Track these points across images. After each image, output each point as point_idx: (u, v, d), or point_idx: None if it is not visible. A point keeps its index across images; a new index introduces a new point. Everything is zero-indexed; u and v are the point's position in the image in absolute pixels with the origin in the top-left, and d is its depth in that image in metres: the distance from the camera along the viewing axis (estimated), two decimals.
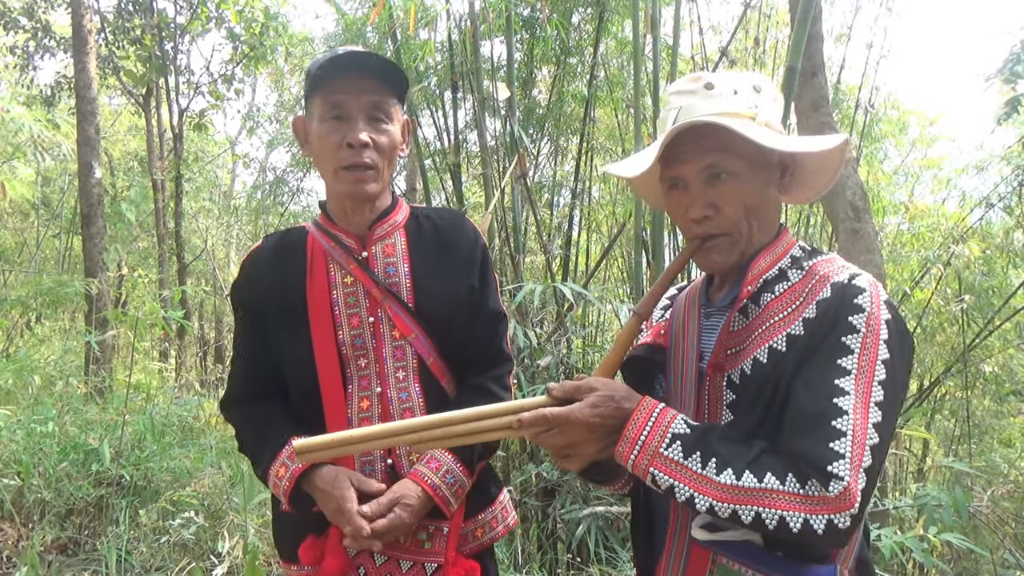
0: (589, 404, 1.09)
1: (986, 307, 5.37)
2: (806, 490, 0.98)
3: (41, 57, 8.75)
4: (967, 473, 3.86)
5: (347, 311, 1.52)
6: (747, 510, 0.99)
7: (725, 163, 1.14)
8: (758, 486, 1.00)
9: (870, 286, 1.08)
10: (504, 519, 1.64)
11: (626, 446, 1.08)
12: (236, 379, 1.63)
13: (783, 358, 1.09)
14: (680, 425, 1.08)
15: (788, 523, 0.98)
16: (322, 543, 1.48)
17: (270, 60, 9.04)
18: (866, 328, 1.05)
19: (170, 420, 4.78)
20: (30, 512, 3.84)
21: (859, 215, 3.62)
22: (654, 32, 4.40)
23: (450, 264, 1.57)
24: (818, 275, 1.12)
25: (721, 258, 1.19)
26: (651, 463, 1.06)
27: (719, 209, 1.15)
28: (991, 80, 5.22)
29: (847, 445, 0.99)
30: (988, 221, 6.34)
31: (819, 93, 3.76)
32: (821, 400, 1.03)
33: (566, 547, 3.41)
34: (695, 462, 1.04)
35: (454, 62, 4.78)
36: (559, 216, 6.23)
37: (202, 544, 3.63)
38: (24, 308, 7.83)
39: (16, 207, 10.90)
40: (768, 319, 1.13)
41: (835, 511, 0.97)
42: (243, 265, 1.63)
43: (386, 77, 1.49)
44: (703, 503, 1.02)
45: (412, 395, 1.51)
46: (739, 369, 1.13)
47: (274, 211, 11.33)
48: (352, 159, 1.46)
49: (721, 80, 1.17)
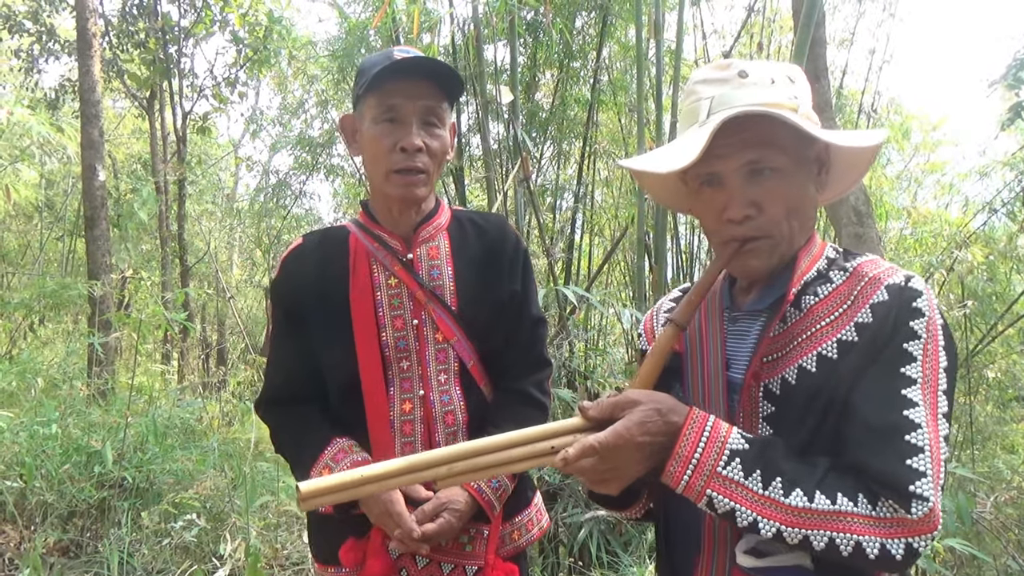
0: (636, 423, 0.96)
1: (989, 313, 5.36)
2: (878, 511, 0.91)
3: (46, 60, 8.79)
4: (970, 479, 3.85)
5: (391, 313, 1.51)
6: (820, 535, 0.91)
7: (769, 159, 1.04)
8: (831, 508, 0.91)
9: (926, 289, 1.00)
10: (539, 521, 1.65)
11: (678, 465, 0.96)
12: (274, 379, 1.62)
13: (836, 367, 1.00)
14: (737, 440, 0.97)
15: (864, 549, 0.90)
16: (363, 545, 1.47)
17: (273, 64, 9.06)
18: (927, 333, 0.97)
19: (172, 422, 4.79)
20: (32, 514, 3.84)
21: (862, 220, 3.62)
22: (657, 36, 4.41)
23: (493, 268, 1.57)
24: (867, 276, 1.03)
25: (760, 263, 1.08)
26: (708, 484, 0.95)
27: (762, 209, 1.05)
28: (994, 86, 5.22)
29: (927, 462, 0.91)
30: (991, 226, 6.33)
31: (822, 98, 3.76)
32: (890, 412, 0.94)
33: (568, 551, 3.40)
34: (756, 482, 0.94)
35: (457, 66, 4.79)
36: (561, 220, 6.23)
37: (204, 547, 3.63)
38: (27, 311, 7.85)
39: (20, 210, 10.91)
40: (812, 324, 1.04)
41: (915, 534, 0.89)
42: (283, 262, 1.61)
43: (444, 82, 1.48)
44: (768, 528, 0.92)
45: (454, 398, 1.52)
46: (779, 379, 1.04)
47: (277, 214, 11.34)
48: (405, 163, 1.46)
49: (755, 68, 1.07)
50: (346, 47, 6.16)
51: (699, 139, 1.01)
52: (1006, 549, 3.62)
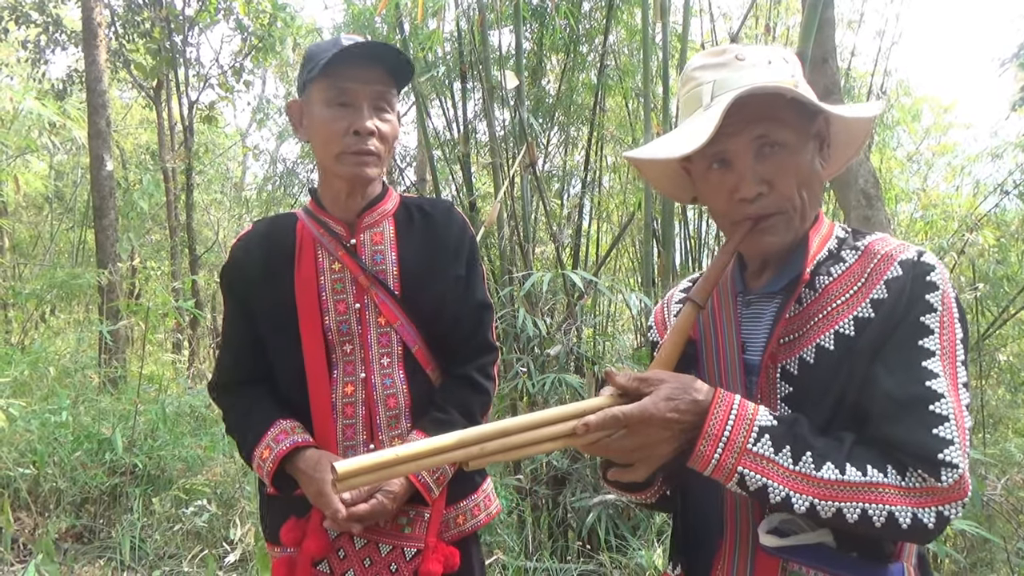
0: (664, 397, 0.96)
1: (1000, 296, 5.32)
2: (907, 481, 0.92)
3: (52, 51, 8.81)
4: (981, 462, 3.83)
5: (334, 297, 1.53)
6: (853, 507, 0.91)
7: (775, 133, 1.04)
8: (863, 480, 0.92)
9: (938, 262, 1.01)
10: (487, 507, 1.65)
11: (708, 444, 0.95)
12: (224, 363, 1.65)
13: (854, 344, 1.00)
14: (765, 417, 0.98)
15: (897, 518, 0.91)
16: (303, 525, 1.49)
17: (279, 51, 9.04)
18: (942, 306, 0.99)
19: (183, 410, 4.83)
20: (45, 501, 3.88)
21: (871, 203, 3.59)
22: (664, 20, 4.38)
23: (438, 254, 1.58)
24: (879, 254, 1.04)
25: (777, 239, 1.08)
26: (739, 461, 0.95)
27: (773, 185, 1.05)
28: (1006, 66, 5.17)
29: (953, 430, 0.92)
30: (1003, 209, 6.27)
31: (830, 79, 3.72)
32: (912, 384, 0.95)
33: (576, 535, 3.42)
34: (786, 457, 0.94)
35: (463, 51, 4.76)
36: (569, 206, 6.21)
37: (215, 532, 3.66)
38: (39, 301, 7.91)
39: (30, 201, 10.98)
40: (828, 304, 1.04)
41: (946, 501, 0.91)
42: (232, 249, 1.64)
43: (395, 68, 1.50)
44: (802, 502, 0.93)
45: (396, 381, 1.53)
46: (796, 359, 1.05)
47: (285, 203, 11.35)
48: (358, 146, 1.47)
49: (750, 52, 1.09)
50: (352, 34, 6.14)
51: (710, 119, 1.01)
52: (1017, 532, 3.61)
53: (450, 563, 1.50)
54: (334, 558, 1.50)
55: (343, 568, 1.49)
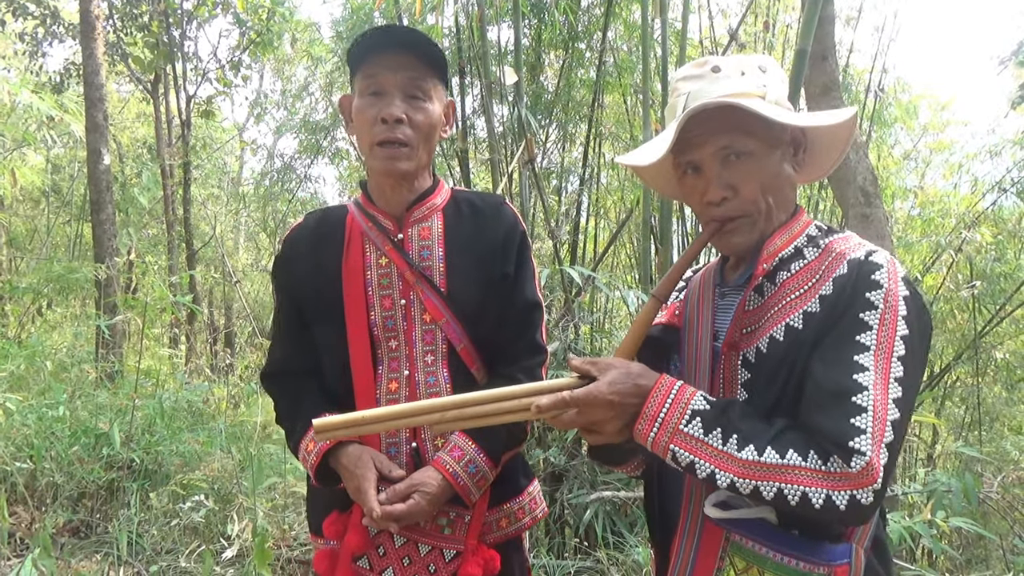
0: (607, 382, 1.08)
1: (998, 293, 5.33)
2: (828, 466, 0.98)
3: (50, 44, 8.77)
4: (977, 459, 3.85)
5: (380, 292, 1.51)
6: (769, 486, 0.99)
7: (739, 143, 1.13)
8: (780, 462, 1.00)
9: (887, 262, 1.07)
10: (532, 510, 1.63)
11: (645, 423, 1.08)
12: (275, 353, 1.65)
13: (800, 335, 1.08)
14: (700, 402, 1.07)
15: (810, 499, 0.98)
16: (345, 519, 1.49)
17: (276, 46, 9.02)
18: (884, 304, 1.04)
19: (180, 405, 4.82)
20: (42, 495, 3.88)
21: (869, 200, 3.59)
22: (663, 16, 4.37)
23: (485, 250, 1.55)
24: (835, 252, 1.11)
25: (741, 239, 1.18)
26: (671, 440, 1.06)
27: (736, 190, 1.14)
28: (1006, 63, 5.17)
29: (868, 420, 0.98)
30: (1000, 206, 6.28)
31: (829, 77, 3.72)
32: (840, 376, 1.02)
33: (573, 532, 3.42)
34: (716, 438, 1.04)
35: (461, 47, 4.75)
36: (567, 202, 6.20)
37: (212, 527, 3.66)
38: (35, 294, 7.88)
39: (26, 194, 10.95)
40: (784, 297, 1.13)
41: (857, 487, 0.97)
42: (284, 242, 1.63)
43: (424, 54, 1.47)
44: (724, 479, 1.02)
45: (440, 379, 1.51)
46: (754, 348, 1.13)
47: (282, 198, 11.34)
48: (386, 134, 1.45)
49: (727, 63, 1.17)
50: (349, 28, 6.13)
51: (668, 135, 1.14)
52: (1012, 529, 3.63)
53: (490, 567, 1.49)
54: (374, 555, 1.49)
55: (382, 565, 1.49)
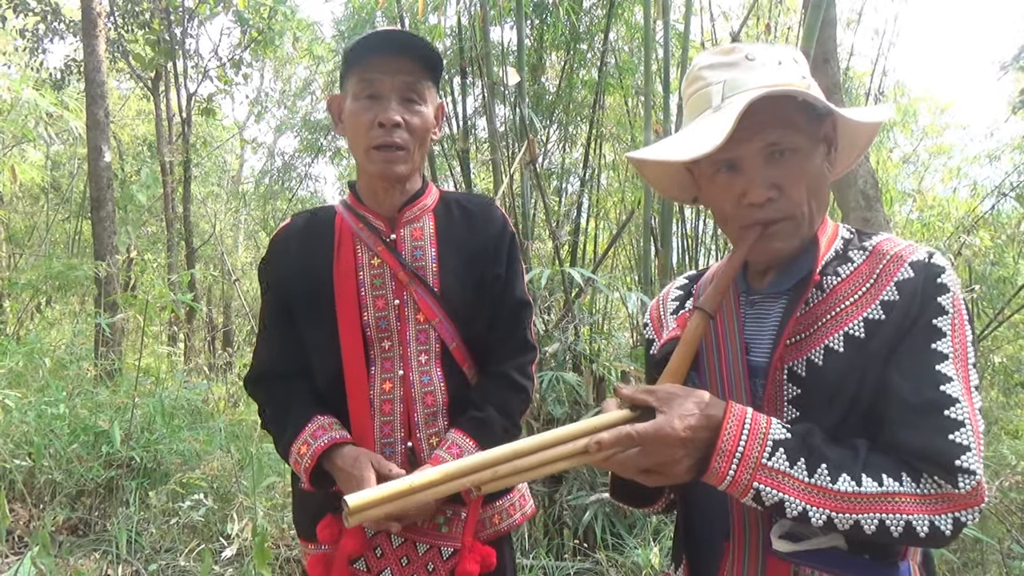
0: (679, 415, 0.94)
1: (996, 297, 5.35)
2: (921, 488, 0.91)
3: (51, 40, 8.75)
4: None
5: (373, 293, 1.51)
6: (870, 519, 0.90)
7: (788, 139, 1.02)
8: (879, 491, 0.91)
9: (948, 264, 1.01)
10: (522, 507, 1.64)
11: (723, 460, 0.93)
12: (261, 355, 1.63)
13: (865, 345, 0.99)
14: (779, 430, 0.96)
15: (914, 527, 0.89)
16: (340, 522, 1.48)
17: (278, 45, 9.02)
18: (953, 308, 0.98)
19: (179, 403, 4.82)
20: (41, 493, 3.87)
21: (870, 204, 3.60)
22: (665, 18, 4.38)
23: (477, 250, 1.56)
24: (888, 254, 1.03)
25: (784, 244, 1.06)
26: (754, 477, 0.93)
27: (783, 190, 1.03)
28: (1006, 68, 5.17)
29: (969, 436, 0.91)
30: (999, 211, 6.29)
31: (832, 80, 3.73)
32: (927, 389, 0.94)
33: (572, 533, 3.42)
34: (801, 470, 0.93)
35: (463, 47, 4.75)
36: (568, 203, 6.21)
37: (211, 526, 3.66)
38: (34, 291, 7.88)
39: (26, 191, 10.94)
40: (836, 305, 1.03)
41: (963, 508, 0.90)
42: (272, 242, 1.62)
43: (421, 58, 1.48)
44: (819, 516, 0.91)
45: (434, 379, 1.51)
46: (803, 360, 1.03)
47: (282, 196, 11.34)
48: (383, 139, 1.45)
49: (761, 51, 1.06)
50: (351, 28, 6.13)
51: (723, 123, 0.98)
52: (1010, 532, 3.63)
53: (487, 563, 1.49)
54: (371, 556, 1.49)
55: (380, 566, 1.48)
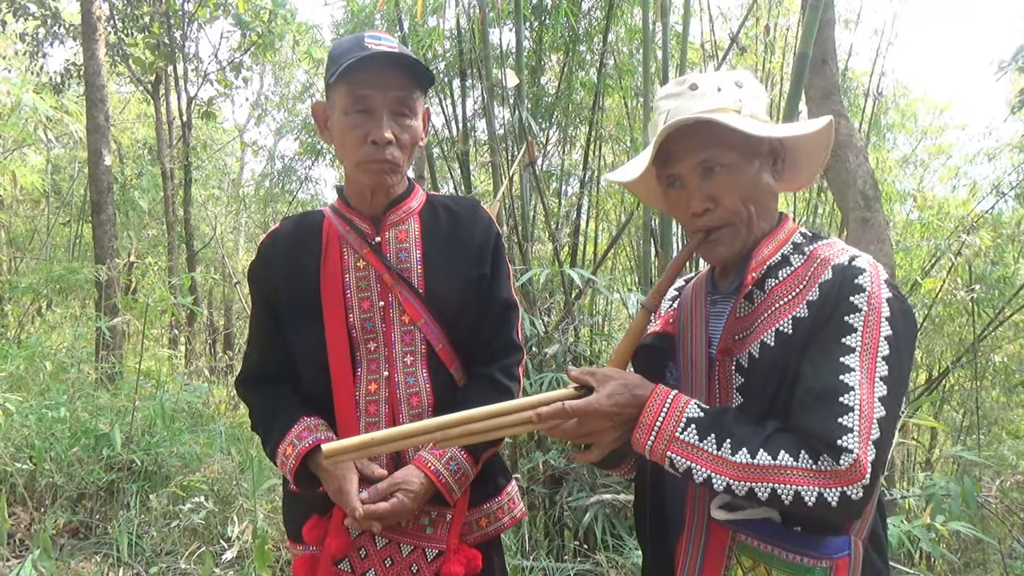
0: (606, 394, 1.13)
1: (996, 297, 5.34)
2: (818, 465, 1.03)
3: (51, 44, 8.77)
4: (975, 463, 3.85)
5: (359, 295, 1.53)
6: (763, 487, 1.04)
7: (717, 156, 1.18)
8: (772, 463, 1.04)
9: (869, 266, 1.12)
10: (511, 510, 1.65)
11: (643, 432, 1.12)
12: (251, 358, 1.65)
13: (790, 340, 1.12)
14: (694, 409, 1.12)
15: (803, 497, 1.02)
16: (325, 523, 1.50)
17: (278, 48, 9.03)
18: (867, 307, 1.08)
19: (180, 406, 4.82)
20: (42, 496, 3.88)
21: (869, 204, 3.60)
22: (664, 19, 4.38)
23: (462, 252, 1.57)
24: (820, 259, 1.16)
25: (725, 249, 1.22)
26: (668, 447, 1.10)
27: (718, 201, 1.19)
28: (1005, 69, 5.17)
29: (855, 419, 1.03)
30: (999, 211, 6.30)
31: (830, 81, 3.74)
32: (827, 377, 1.06)
33: (573, 534, 3.42)
34: (710, 444, 1.08)
35: (463, 49, 4.76)
36: (567, 204, 6.22)
37: (212, 529, 3.66)
38: (35, 295, 7.89)
39: (27, 195, 10.94)
40: (773, 303, 1.17)
41: (847, 483, 1.01)
42: (260, 247, 1.64)
43: (413, 74, 1.48)
44: (720, 482, 1.06)
45: (419, 380, 1.52)
46: (747, 353, 1.17)
47: (283, 199, 11.35)
48: (375, 156, 1.46)
49: (705, 80, 1.22)
50: (350, 31, 6.13)
51: (647, 152, 1.20)
52: (1011, 532, 3.63)
53: (472, 565, 1.49)
54: (355, 557, 1.50)
55: (364, 567, 1.49)
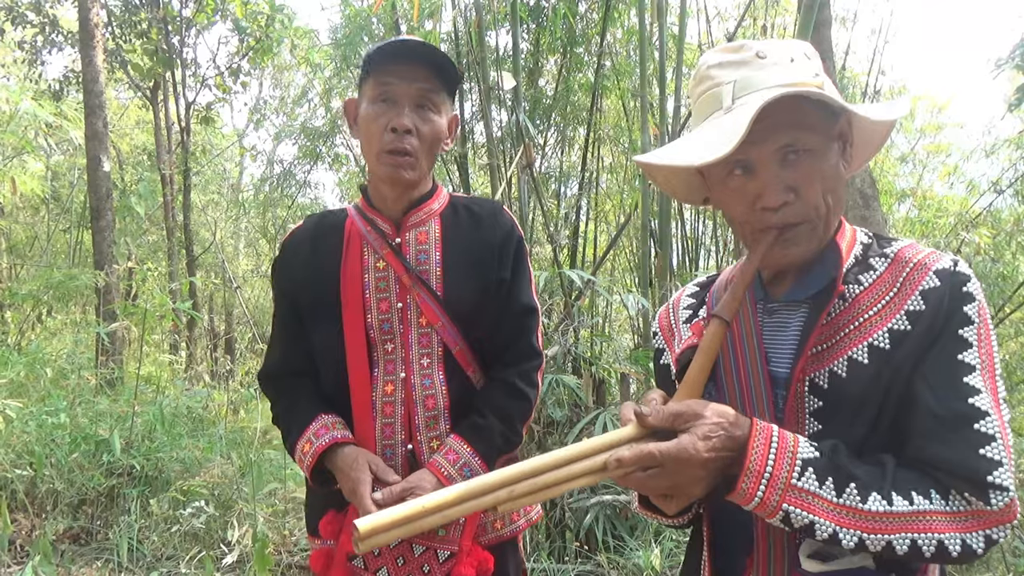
0: (702, 436, 0.89)
1: (996, 295, 5.34)
2: (951, 506, 0.88)
3: (49, 52, 8.79)
4: None
5: (377, 295, 1.53)
6: (902, 539, 0.87)
7: (803, 140, 0.98)
8: (910, 509, 0.87)
9: (971, 272, 0.98)
10: (527, 513, 1.65)
11: (751, 481, 0.89)
12: (273, 354, 1.66)
13: (890, 357, 0.95)
14: (807, 449, 0.92)
15: (947, 546, 0.86)
16: (341, 519, 1.51)
17: (275, 53, 9.05)
18: (979, 318, 0.95)
19: (180, 411, 4.82)
20: (43, 502, 3.88)
21: (868, 202, 3.60)
22: (660, 20, 4.38)
23: (482, 255, 1.56)
24: (912, 262, 1.00)
25: (801, 249, 1.01)
26: (783, 498, 0.89)
27: (798, 193, 0.99)
28: (1002, 66, 5.17)
29: (1001, 450, 0.88)
30: (997, 208, 6.30)
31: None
32: (955, 401, 0.91)
33: (574, 535, 3.42)
34: (829, 490, 0.89)
35: (460, 52, 4.77)
36: (566, 206, 6.22)
37: (212, 533, 3.66)
38: (35, 301, 7.89)
39: (26, 202, 10.95)
40: (860, 314, 0.99)
41: (995, 524, 0.87)
42: (283, 245, 1.65)
43: (438, 68, 1.49)
44: (850, 538, 0.87)
45: (436, 382, 1.52)
46: (826, 371, 0.99)
47: (282, 204, 11.35)
48: (394, 144, 1.47)
49: (772, 48, 1.01)
50: (347, 34, 6.14)
51: (737, 126, 0.94)
52: (1013, 531, 3.62)
53: (484, 568, 1.49)
54: (368, 554, 1.50)
55: (376, 565, 1.50)
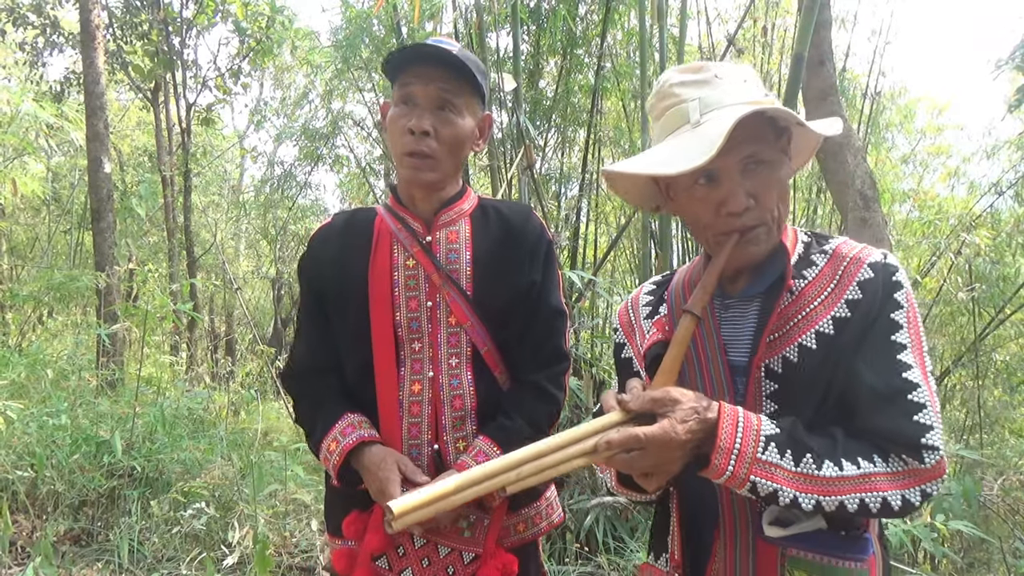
0: (680, 420, 1.01)
1: (997, 296, 5.33)
2: (890, 466, 1.02)
3: (50, 53, 8.80)
4: (977, 462, 3.84)
5: (406, 293, 1.53)
6: (852, 499, 1.00)
7: (761, 152, 1.12)
8: (858, 473, 1.01)
9: (899, 263, 1.12)
10: (549, 516, 1.64)
11: (722, 457, 1.02)
12: (298, 352, 1.65)
13: (836, 342, 1.09)
14: (768, 426, 1.05)
15: (890, 502, 1.00)
16: (365, 519, 1.50)
17: (276, 54, 9.05)
18: (907, 303, 1.09)
19: (181, 413, 4.82)
20: (44, 503, 3.88)
21: (868, 204, 3.60)
22: (661, 22, 4.39)
23: (513, 257, 1.57)
24: (848, 257, 1.14)
25: (759, 249, 1.15)
26: (751, 471, 1.01)
27: (758, 199, 1.12)
28: (1002, 67, 5.17)
29: (931, 416, 1.02)
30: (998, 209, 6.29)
31: (827, 82, 3.73)
32: (891, 377, 1.05)
33: (575, 537, 3.42)
34: (789, 461, 1.02)
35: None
36: (567, 207, 6.22)
37: (213, 534, 3.66)
38: (36, 303, 7.90)
39: (27, 203, 10.96)
40: (806, 305, 1.13)
41: (928, 480, 1.01)
42: (311, 241, 1.65)
43: (457, 69, 1.49)
44: (808, 501, 1.00)
45: (463, 382, 1.52)
46: (779, 358, 1.12)
47: (282, 205, 11.36)
48: (412, 146, 1.48)
49: (725, 70, 1.15)
50: (348, 36, 6.15)
51: (712, 138, 1.05)
52: (1013, 532, 3.62)
53: (508, 570, 1.49)
54: (393, 554, 1.50)
55: (401, 565, 1.50)
